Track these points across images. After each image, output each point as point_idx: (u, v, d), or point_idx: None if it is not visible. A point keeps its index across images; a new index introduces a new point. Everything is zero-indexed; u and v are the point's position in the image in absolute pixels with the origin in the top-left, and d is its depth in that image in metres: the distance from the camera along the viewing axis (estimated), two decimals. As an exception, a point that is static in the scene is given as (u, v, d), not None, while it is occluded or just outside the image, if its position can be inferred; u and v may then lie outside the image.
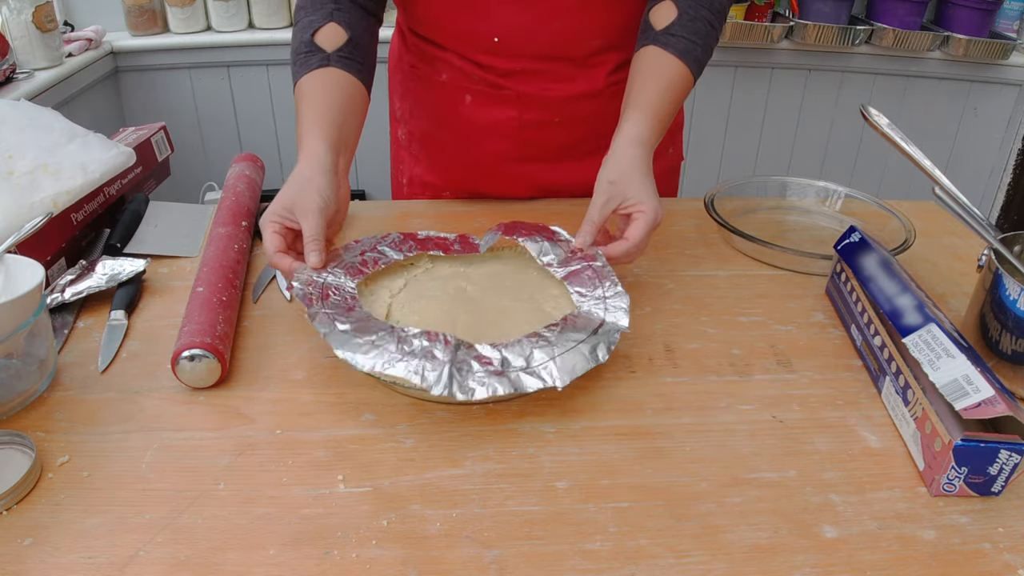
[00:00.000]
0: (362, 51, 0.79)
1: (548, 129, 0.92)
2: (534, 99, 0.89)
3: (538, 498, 0.52)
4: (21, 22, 1.60)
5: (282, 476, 0.53)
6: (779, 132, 2.25)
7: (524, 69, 0.88)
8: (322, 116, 0.74)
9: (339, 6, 0.79)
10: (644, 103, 0.75)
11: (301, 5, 0.80)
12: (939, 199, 0.67)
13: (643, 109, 0.75)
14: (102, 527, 0.49)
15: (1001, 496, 0.53)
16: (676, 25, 0.77)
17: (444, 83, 0.91)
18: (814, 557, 0.48)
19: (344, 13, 0.78)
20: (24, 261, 0.62)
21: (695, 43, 0.77)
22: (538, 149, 0.94)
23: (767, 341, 0.70)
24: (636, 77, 0.77)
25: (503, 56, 0.87)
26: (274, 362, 0.65)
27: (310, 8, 0.79)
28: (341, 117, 0.75)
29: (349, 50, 0.77)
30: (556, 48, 0.87)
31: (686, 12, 0.77)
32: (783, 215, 0.95)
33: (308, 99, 0.75)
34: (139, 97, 2.03)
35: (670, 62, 0.76)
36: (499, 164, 0.95)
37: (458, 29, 0.87)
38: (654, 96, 0.75)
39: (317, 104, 0.74)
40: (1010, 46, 2.02)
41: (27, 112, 0.83)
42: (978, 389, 0.51)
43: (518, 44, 0.86)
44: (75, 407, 0.59)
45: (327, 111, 0.74)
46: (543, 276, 0.72)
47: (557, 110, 0.90)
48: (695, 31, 0.77)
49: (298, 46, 0.78)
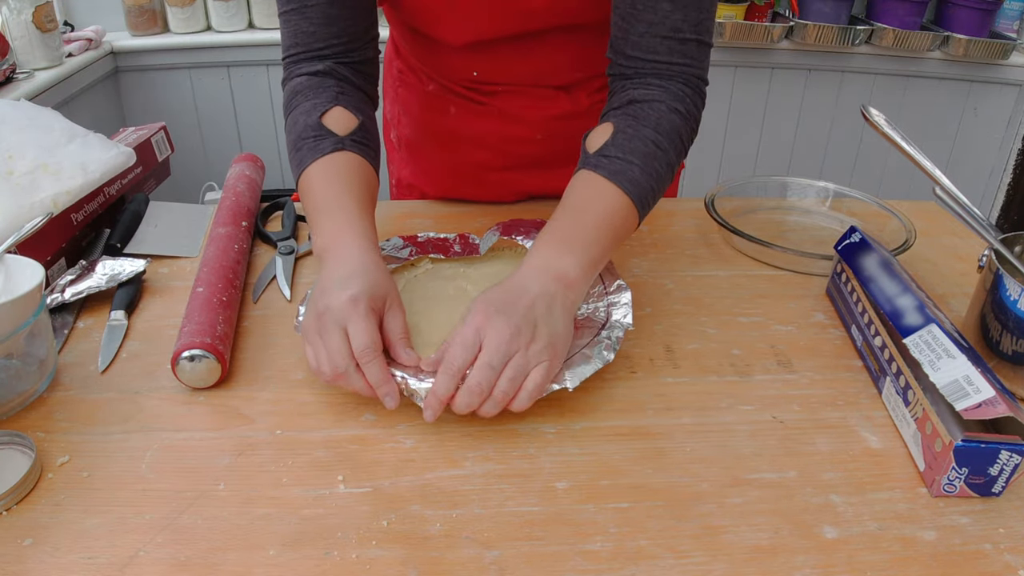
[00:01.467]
0: (373, 139, 0.73)
1: (530, 145, 0.92)
2: (516, 117, 0.90)
3: (538, 498, 0.52)
4: (21, 22, 1.60)
5: (282, 476, 0.53)
6: (779, 132, 2.25)
7: (505, 91, 0.88)
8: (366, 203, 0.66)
9: (342, 90, 0.72)
10: (551, 225, 0.64)
11: (297, 90, 0.72)
12: (939, 199, 0.67)
13: (548, 232, 0.64)
14: (102, 527, 0.49)
15: (1002, 497, 0.53)
16: (608, 146, 0.66)
17: (430, 93, 0.92)
18: (814, 558, 0.48)
19: (349, 97, 0.72)
20: (24, 261, 0.62)
21: (631, 163, 0.65)
22: (520, 160, 0.94)
23: (767, 341, 0.70)
24: (558, 208, 0.66)
25: (483, 83, 0.88)
26: (274, 362, 0.65)
27: (309, 92, 0.71)
28: (371, 207, 0.68)
29: (362, 135, 0.71)
30: (537, 79, 0.87)
31: (622, 132, 0.67)
32: (783, 215, 0.95)
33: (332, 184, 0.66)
34: (139, 97, 2.03)
35: (599, 185, 0.65)
36: (482, 172, 0.95)
37: (438, 62, 0.89)
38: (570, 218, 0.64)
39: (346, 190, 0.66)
40: (1010, 46, 2.02)
41: (27, 112, 0.83)
42: (979, 390, 0.51)
43: (497, 77, 0.87)
44: (75, 407, 0.59)
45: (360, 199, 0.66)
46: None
47: (539, 128, 0.91)
48: (631, 150, 0.66)
49: (303, 130, 0.69)
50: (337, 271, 0.59)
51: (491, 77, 0.88)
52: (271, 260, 0.80)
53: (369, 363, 0.55)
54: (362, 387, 0.56)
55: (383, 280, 0.60)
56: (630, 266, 0.82)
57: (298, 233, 0.87)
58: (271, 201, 0.93)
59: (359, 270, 0.59)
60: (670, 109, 0.68)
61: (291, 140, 0.71)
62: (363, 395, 0.57)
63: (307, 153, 0.68)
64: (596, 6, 0.77)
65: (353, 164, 0.68)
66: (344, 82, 0.73)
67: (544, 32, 0.80)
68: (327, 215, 0.64)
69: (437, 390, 0.54)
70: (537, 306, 0.57)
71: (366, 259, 0.60)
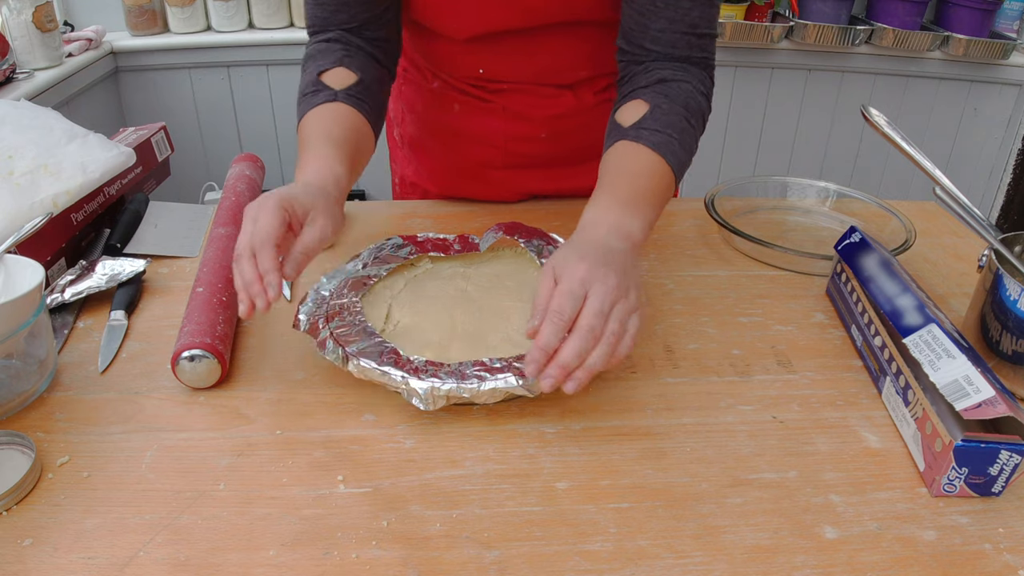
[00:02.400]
0: (372, 96, 0.76)
1: (534, 143, 0.93)
2: (521, 115, 0.90)
3: (538, 498, 0.52)
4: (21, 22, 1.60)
5: (282, 476, 0.53)
6: (779, 132, 2.25)
7: (511, 89, 0.89)
8: (341, 145, 0.69)
9: (348, 52, 0.76)
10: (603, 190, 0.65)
11: (309, 55, 0.78)
12: (939, 199, 0.67)
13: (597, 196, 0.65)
14: (102, 527, 0.49)
15: (1001, 497, 0.53)
16: (647, 119, 0.68)
17: (434, 90, 0.93)
18: (814, 558, 0.48)
19: (354, 59, 0.76)
20: (24, 261, 0.62)
21: (671, 136, 0.67)
22: (524, 159, 0.94)
23: (767, 341, 0.70)
24: (604, 173, 0.67)
25: (489, 81, 0.89)
26: (274, 362, 0.65)
27: (318, 56, 0.76)
28: (354, 150, 0.70)
29: (358, 90, 0.74)
30: (542, 77, 0.88)
31: (658, 107, 0.69)
32: (783, 215, 0.95)
33: (320, 128, 0.70)
34: (139, 97, 2.03)
35: (644, 154, 0.66)
36: (485, 171, 0.96)
37: (442, 59, 0.89)
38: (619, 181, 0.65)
39: (331, 132, 0.69)
40: (1010, 46, 2.02)
41: (27, 112, 0.83)
42: (979, 390, 0.51)
43: (503, 74, 0.88)
44: (75, 407, 0.59)
45: (344, 142, 0.69)
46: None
47: (544, 126, 0.91)
48: (669, 124, 0.68)
49: (304, 87, 0.75)
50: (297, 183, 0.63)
51: (497, 75, 0.88)
52: (271, 260, 0.80)
53: (260, 250, 0.56)
54: (248, 275, 0.56)
55: (314, 196, 0.61)
56: (630, 266, 0.82)
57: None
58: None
59: (297, 184, 0.63)
60: (696, 90, 0.72)
61: (297, 98, 0.76)
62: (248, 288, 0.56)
63: (303, 106, 0.73)
64: (603, 6, 0.77)
65: (339, 112, 0.71)
66: (352, 47, 0.77)
67: (549, 28, 0.81)
68: (302, 155, 0.69)
69: (544, 342, 0.53)
70: (627, 261, 0.58)
71: (310, 180, 0.63)
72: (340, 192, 0.65)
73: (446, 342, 0.63)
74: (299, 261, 0.59)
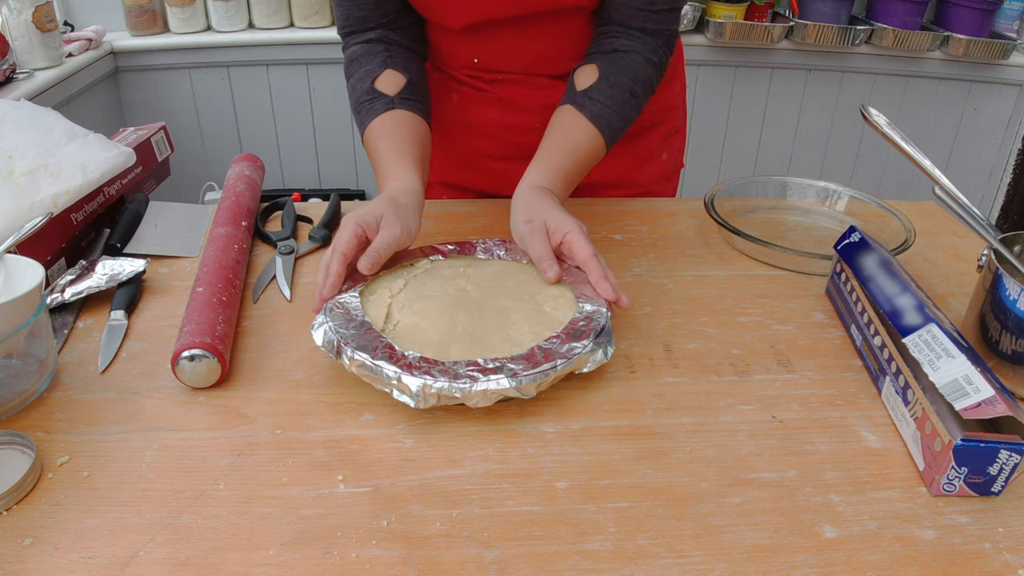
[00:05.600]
0: (421, 92, 0.83)
1: (530, 133, 0.93)
2: (516, 104, 0.92)
3: (538, 498, 0.52)
4: (21, 22, 1.60)
5: (282, 476, 0.53)
6: (779, 132, 2.25)
7: (506, 79, 0.91)
8: (407, 152, 0.77)
9: (391, 53, 0.83)
10: (546, 161, 0.77)
11: (353, 58, 0.84)
12: (939, 199, 0.67)
13: (545, 165, 0.77)
14: (102, 527, 0.49)
15: (1001, 496, 0.53)
16: (595, 89, 0.79)
17: (434, 80, 0.95)
18: (814, 557, 0.48)
19: (397, 59, 0.83)
20: (24, 261, 0.62)
21: (610, 108, 0.78)
22: (521, 149, 0.95)
23: (767, 341, 0.70)
24: (549, 135, 0.80)
25: (484, 71, 0.91)
26: (274, 362, 0.65)
27: (363, 60, 0.83)
28: (420, 152, 0.78)
29: (410, 91, 0.81)
30: (535, 67, 0.90)
31: (606, 78, 0.79)
32: (783, 215, 0.95)
33: (386, 139, 0.78)
34: (139, 97, 2.03)
35: (583, 126, 0.78)
36: (483, 161, 0.98)
37: (440, 49, 0.92)
38: (560, 156, 0.78)
39: (397, 141, 0.77)
40: (1010, 46, 2.02)
41: (27, 112, 0.83)
42: (978, 389, 0.51)
43: (498, 63, 0.90)
44: (75, 407, 0.59)
45: (409, 148, 0.77)
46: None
47: (538, 116, 0.91)
48: (611, 96, 0.78)
49: (360, 95, 0.81)
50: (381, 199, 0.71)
51: (492, 64, 0.90)
52: (271, 260, 0.80)
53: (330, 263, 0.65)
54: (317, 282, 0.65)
55: (384, 206, 0.69)
56: (630, 266, 0.82)
57: (298, 233, 0.87)
58: (271, 201, 0.93)
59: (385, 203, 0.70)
60: (646, 61, 0.81)
61: (352, 104, 0.83)
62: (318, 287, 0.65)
63: (365, 116, 0.80)
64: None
65: (401, 119, 0.79)
66: (393, 45, 0.84)
67: (544, 15, 0.82)
68: (378, 169, 0.77)
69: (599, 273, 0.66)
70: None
71: (386, 195, 0.72)
72: (411, 198, 0.73)
73: (446, 342, 0.63)
74: (372, 258, 0.66)
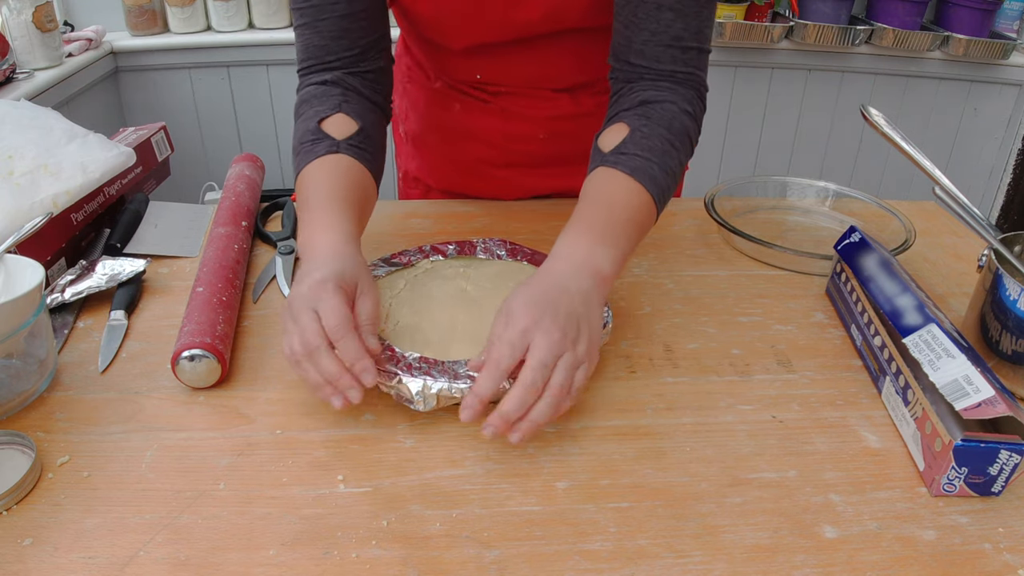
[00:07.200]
0: (373, 144, 0.73)
1: (533, 143, 0.93)
2: (519, 116, 0.91)
3: (538, 498, 0.52)
4: (21, 22, 1.60)
5: (282, 476, 0.53)
6: (779, 132, 2.25)
7: (509, 92, 0.90)
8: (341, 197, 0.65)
9: (347, 98, 0.73)
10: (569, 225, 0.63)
11: (304, 99, 0.73)
12: (939, 199, 0.67)
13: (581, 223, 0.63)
14: (102, 527, 0.49)
15: (1001, 496, 0.53)
16: (627, 143, 0.67)
17: (436, 90, 0.94)
18: (814, 557, 0.48)
19: (352, 105, 0.72)
20: (24, 261, 0.62)
21: (650, 160, 0.65)
22: (523, 158, 0.95)
23: (767, 341, 0.70)
24: (581, 202, 0.66)
25: (487, 84, 0.90)
26: (274, 362, 0.65)
27: (314, 101, 0.72)
28: (358, 202, 0.68)
29: (360, 139, 0.71)
30: (538, 82, 0.89)
31: (638, 130, 0.67)
32: (783, 215, 0.95)
33: (320, 185, 0.67)
34: (139, 97, 2.03)
35: (622, 180, 0.65)
36: (485, 169, 0.97)
37: (442, 64, 0.91)
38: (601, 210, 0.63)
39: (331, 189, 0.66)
40: (1010, 46, 2.02)
41: (27, 112, 0.83)
42: (978, 389, 0.51)
43: (500, 79, 0.89)
44: (75, 407, 0.59)
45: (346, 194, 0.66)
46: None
47: (542, 127, 0.92)
48: (649, 148, 0.66)
49: (303, 135, 0.70)
50: (309, 263, 0.60)
51: (494, 79, 0.89)
52: (271, 260, 0.80)
53: (343, 339, 0.54)
54: (332, 368, 0.54)
55: (354, 266, 0.59)
56: (630, 266, 0.82)
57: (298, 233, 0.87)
58: (271, 201, 0.93)
59: (329, 257, 0.59)
60: (681, 111, 0.69)
61: (294, 146, 0.72)
62: (335, 382, 0.54)
63: (303, 157, 0.69)
64: (594, 15, 0.77)
65: (343, 166, 0.68)
66: (350, 91, 0.74)
67: (545, 36, 0.81)
68: (308, 213, 0.65)
69: (480, 390, 0.53)
70: (578, 305, 0.56)
71: (338, 249, 0.60)
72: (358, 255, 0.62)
73: (446, 342, 0.63)
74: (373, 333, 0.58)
